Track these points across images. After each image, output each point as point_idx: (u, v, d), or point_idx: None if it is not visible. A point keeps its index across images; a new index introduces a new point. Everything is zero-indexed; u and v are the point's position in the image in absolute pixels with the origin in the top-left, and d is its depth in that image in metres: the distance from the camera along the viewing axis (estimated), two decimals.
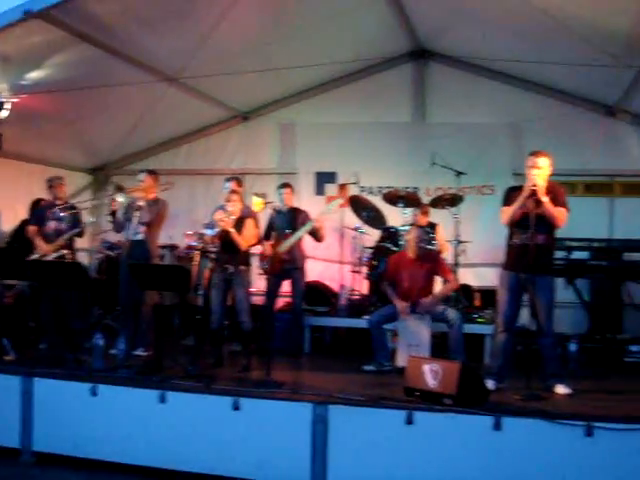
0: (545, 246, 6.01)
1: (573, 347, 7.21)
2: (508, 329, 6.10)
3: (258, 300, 8.16)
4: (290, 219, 7.91)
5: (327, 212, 7.94)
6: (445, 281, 7.28)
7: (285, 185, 8.12)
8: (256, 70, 8.36)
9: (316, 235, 7.92)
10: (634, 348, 7.61)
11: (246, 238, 7.05)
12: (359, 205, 8.83)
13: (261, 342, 7.28)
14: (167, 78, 8.36)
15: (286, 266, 7.70)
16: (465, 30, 8.56)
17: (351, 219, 9.07)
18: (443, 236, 8.40)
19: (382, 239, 8.51)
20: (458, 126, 9.59)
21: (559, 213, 5.97)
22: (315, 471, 5.23)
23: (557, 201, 5.98)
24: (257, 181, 9.98)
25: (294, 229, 7.75)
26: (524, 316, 6.38)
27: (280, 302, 8.40)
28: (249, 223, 7.15)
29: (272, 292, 7.88)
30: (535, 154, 6.02)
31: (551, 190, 6.00)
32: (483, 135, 9.48)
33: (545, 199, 5.90)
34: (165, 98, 8.77)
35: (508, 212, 6.05)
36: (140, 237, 7.31)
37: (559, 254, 7.69)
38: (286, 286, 8.06)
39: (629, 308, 8.32)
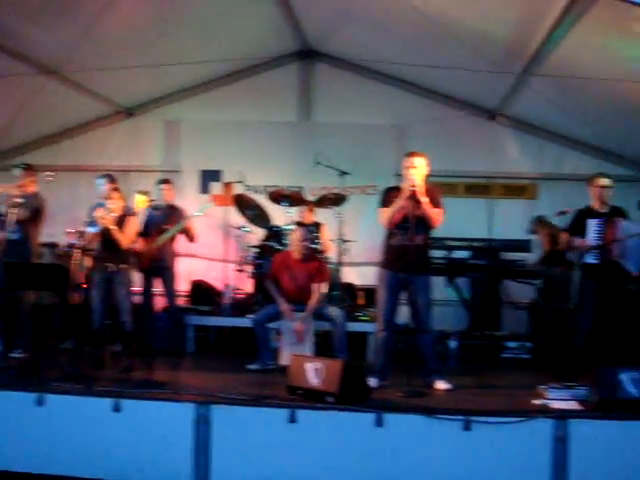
0: (423, 246, 6.14)
1: (453, 344, 7.45)
2: (388, 327, 6.19)
3: (140, 299, 7.98)
4: (166, 216, 7.79)
5: (198, 214, 7.82)
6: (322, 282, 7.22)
7: (164, 181, 8.00)
8: (140, 65, 8.21)
9: (188, 235, 7.83)
10: (511, 344, 7.89)
11: (127, 236, 6.92)
12: (244, 204, 8.77)
13: (142, 342, 7.13)
14: (47, 71, 8.07)
15: (156, 264, 7.58)
16: (352, 32, 8.66)
17: (236, 218, 9.00)
18: (327, 235, 8.45)
19: (267, 238, 8.49)
20: (343, 126, 9.71)
21: (436, 214, 6.08)
22: (198, 472, 5.13)
23: (434, 202, 6.10)
24: (141, 179, 9.73)
25: (168, 226, 7.65)
26: (406, 314, 6.47)
27: (162, 301, 8.23)
28: (130, 221, 7.01)
29: (146, 290, 7.71)
30: (412, 154, 6.13)
31: (429, 191, 6.12)
32: (368, 136, 9.62)
33: (425, 200, 6.02)
34: (45, 91, 8.44)
35: (387, 213, 6.12)
36: (17, 236, 7.04)
37: (440, 253, 7.93)
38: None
39: (507, 306, 8.61)
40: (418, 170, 6.04)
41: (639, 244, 6.37)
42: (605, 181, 6.61)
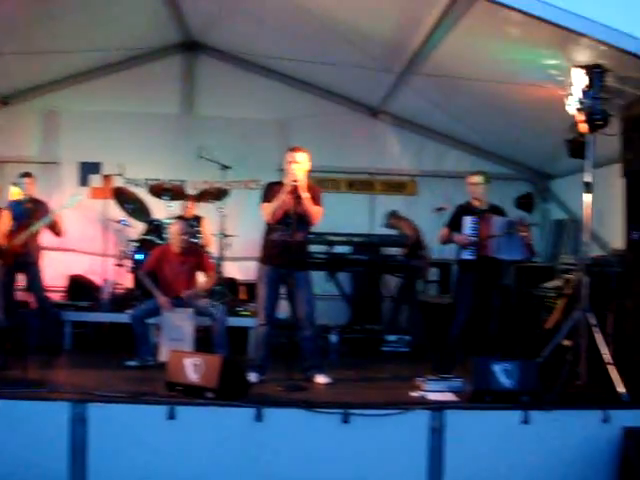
0: (303, 243, 6.19)
1: (334, 338, 7.52)
2: (269, 322, 6.20)
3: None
4: (30, 210, 7.41)
5: (67, 207, 7.53)
6: (207, 276, 7.24)
7: (26, 174, 7.58)
8: (13, 52, 7.85)
9: (55, 229, 7.51)
10: (391, 338, 8.06)
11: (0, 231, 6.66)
12: (123, 197, 8.56)
13: (16, 339, 6.87)
14: None
15: (20, 259, 7.27)
16: (237, 25, 8.58)
17: (115, 211, 8.79)
18: (208, 229, 8.38)
19: (147, 232, 8.34)
20: (227, 120, 9.61)
21: (316, 212, 6.14)
22: (75, 473, 4.96)
23: (314, 200, 6.15)
24: (18, 170, 9.32)
25: (33, 221, 7.31)
26: (286, 309, 6.51)
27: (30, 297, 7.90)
28: (3, 215, 6.75)
29: (7, 285, 7.32)
30: (294, 149, 6.18)
31: (310, 188, 6.17)
32: (251, 130, 9.56)
33: (306, 195, 6.06)
34: None
35: (269, 208, 6.14)
36: None
37: (321, 248, 7.97)
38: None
39: (387, 300, 8.76)
40: (300, 165, 6.09)
41: (511, 235, 6.61)
42: (476, 178, 6.75)
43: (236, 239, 8.58)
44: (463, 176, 7.37)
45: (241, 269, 9.06)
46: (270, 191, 6.22)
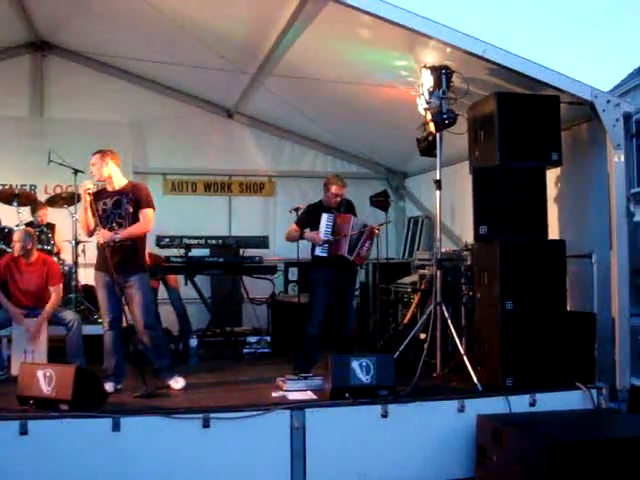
0: (132, 246, 5.98)
1: (193, 342, 7.41)
2: (114, 327, 5.99)
3: None
4: None
5: None
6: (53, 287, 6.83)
7: None
8: None
9: None
10: (251, 339, 8.03)
11: None
12: None
13: None
14: None
15: None
16: (86, 25, 8.26)
17: None
18: (61, 236, 8.12)
19: None
20: (78, 123, 9.23)
21: (142, 218, 5.97)
22: None
23: (139, 202, 5.99)
24: None
25: None
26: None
27: None
28: None
29: None
30: (95, 153, 6.18)
31: (133, 189, 6.06)
32: (105, 133, 9.13)
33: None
34: None
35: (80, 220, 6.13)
36: None
37: (179, 252, 7.85)
38: None
39: (247, 302, 8.73)
40: (94, 168, 6.09)
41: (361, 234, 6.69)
42: (339, 190, 6.68)
43: (89, 245, 8.18)
44: (320, 176, 7.45)
45: None
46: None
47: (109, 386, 5.81)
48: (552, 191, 6.48)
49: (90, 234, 6.06)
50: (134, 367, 6.00)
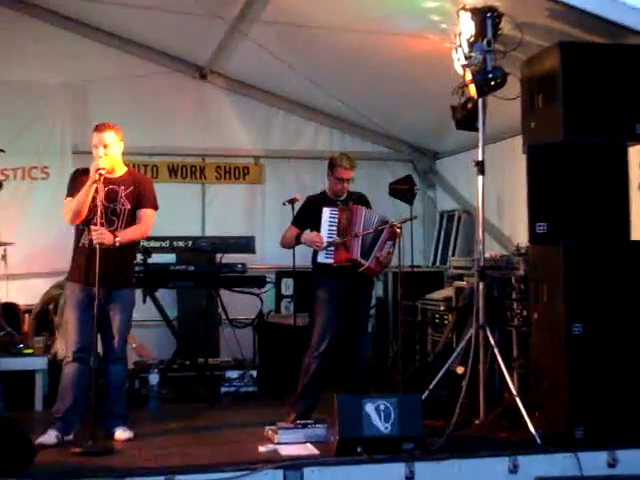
0: (125, 253, 6.05)
1: (154, 379, 7.32)
2: (81, 359, 5.93)
3: None
4: None
5: None
6: None
7: None
8: None
9: None
10: (232, 374, 7.95)
11: None
12: None
13: None
14: None
15: None
16: None
17: None
18: None
19: None
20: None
21: (143, 219, 6.15)
22: None
23: (142, 199, 6.13)
24: None
25: None
26: None
27: None
28: None
29: None
30: (99, 128, 6.05)
31: (135, 181, 6.12)
32: (30, 98, 9.07)
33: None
34: None
35: (69, 205, 5.98)
36: None
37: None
38: None
39: (225, 324, 8.62)
40: (109, 149, 5.99)
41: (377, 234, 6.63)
42: (346, 172, 6.64)
43: (14, 249, 8.20)
44: (323, 157, 7.35)
45: (24, 290, 8.68)
46: (76, 182, 6.07)
47: (51, 437, 5.78)
48: (636, 176, 6.37)
49: (82, 223, 6.00)
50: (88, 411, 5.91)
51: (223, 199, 10.02)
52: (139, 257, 7.70)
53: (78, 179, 6.11)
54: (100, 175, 5.87)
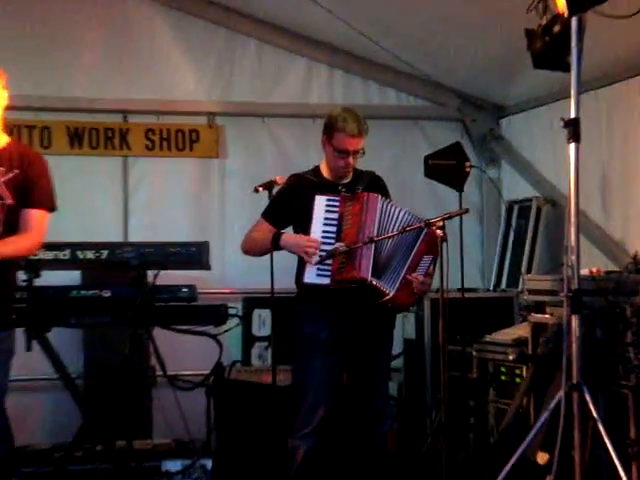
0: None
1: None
2: None
3: None
4: None
5: None
6: None
7: None
8: None
9: None
10: (171, 466, 7.89)
11: None
12: None
13: None
14: None
15: None
16: None
17: None
18: None
19: None
20: None
21: (32, 224, 6.17)
22: None
23: (33, 192, 6.12)
24: None
25: None
26: None
27: None
28: None
29: None
30: None
31: (22, 160, 6.09)
32: None
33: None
34: None
35: None
36: None
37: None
38: None
39: (162, 385, 8.55)
40: None
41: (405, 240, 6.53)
42: (352, 131, 6.57)
43: None
44: (317, 115, 7.32)
45: None
46: None
47: None
48: None
49: None
50: None
51: (157, 182, 9.90)
52: (20, 277, 7.65)
53: None
54: None
